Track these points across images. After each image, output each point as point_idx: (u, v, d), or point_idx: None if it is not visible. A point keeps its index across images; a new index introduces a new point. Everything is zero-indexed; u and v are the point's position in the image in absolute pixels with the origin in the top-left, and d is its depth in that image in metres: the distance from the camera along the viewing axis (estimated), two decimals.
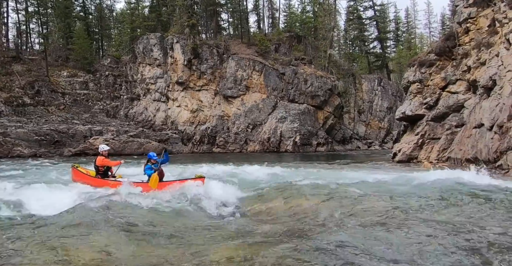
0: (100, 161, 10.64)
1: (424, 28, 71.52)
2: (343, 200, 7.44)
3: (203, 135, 39.23)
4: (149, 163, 9.69)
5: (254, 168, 15.21)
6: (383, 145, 45.26)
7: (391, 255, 4.13)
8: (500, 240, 4.64)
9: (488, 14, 16.98)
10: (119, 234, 5.34)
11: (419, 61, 20.90)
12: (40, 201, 7.58)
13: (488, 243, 4.52)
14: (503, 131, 13.45)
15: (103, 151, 10.82)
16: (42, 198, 7.81)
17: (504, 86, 14.35)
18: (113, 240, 5.08)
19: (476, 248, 4.38)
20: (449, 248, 4.41)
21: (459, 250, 4.34)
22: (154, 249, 4.80)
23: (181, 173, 13.96)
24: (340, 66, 48.37)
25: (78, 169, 11.38)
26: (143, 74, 44.17)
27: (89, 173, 11.09)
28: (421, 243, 4.53)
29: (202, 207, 7.50)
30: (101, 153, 10.80)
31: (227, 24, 54.32)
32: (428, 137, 19.30)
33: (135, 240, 5.15)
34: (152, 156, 9.80)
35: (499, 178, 10.96)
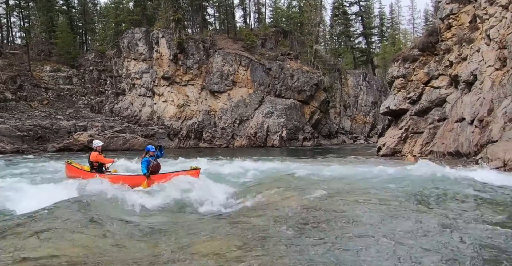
0: (94, 156, 10.66)
1: (408, 24, 72.32)
2: (329, 193, 7.55)
3: (189, 130, 39.12)
4: (147, 155, 9.81)
5: (242, 163, 15.32)
6: (368, 139, 45.88)
7: (377, 248, 4.23)
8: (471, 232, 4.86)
9: (469, 11, 17.34)
10: (103, 229, 5.33)
11: (403, 57, 21.22)
12: (27, 197, 7.53)
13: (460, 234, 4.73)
14: (483, 125, 13.81)
15: (97, 147, 10.86)
16: (30, 194, 7.75)
17: (485, 81, 14.72)
18: (98, 235, 5.06)
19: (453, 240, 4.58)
20: (432, 240, 4.61)
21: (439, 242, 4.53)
22: (140, 244, 4.78)
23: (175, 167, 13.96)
24: (326, 61, 48.69)
25: (72, 164, 11.37)
26: (128, 69, 43.70)
27: (84, 168, 11.10)
28: (405, 235, 4.67)
29: (191, 201, 7.54)
30: (95, 149, 10.84)
31: (213, 19, 54.11)
32: (411, 131, 19.66)
33: (121, 235, 5.14)
34: (151, 148, 9.93)
35: (479, 171, 11.22)
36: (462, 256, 3.91)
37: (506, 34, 13.37)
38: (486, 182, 8.36)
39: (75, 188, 8.60)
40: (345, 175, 10.59)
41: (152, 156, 9.77)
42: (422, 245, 4.29)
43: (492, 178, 8.87)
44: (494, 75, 14.15)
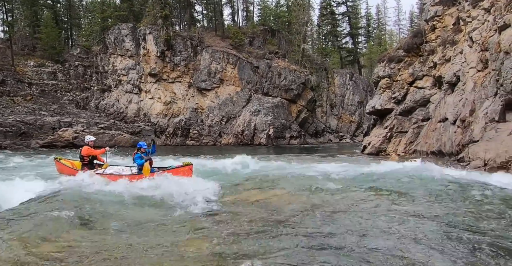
0: (85, 150, 10.81)
1: (394, 25, 73.39)
2: (315, 191, 7.67)
3: (176, 127, 38.97)
4: (139, 152, 9.86)
5: (229, 160, 15.35)
6: (354, 138, 46.41)
7: (359, 243, 4.33)
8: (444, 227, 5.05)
9: (453, 13, 17.70)
10: (85, 227, 5.30)
11: (389, 57, 21.54)
12: (12, 193, 7.47)
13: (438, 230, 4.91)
14: (465, 126, 14.15)
15: (89, 141, 11.09)
16: (16, 191, 7.69)
17: (467, 82, 15.08)
18: (79, 233, 5.02)
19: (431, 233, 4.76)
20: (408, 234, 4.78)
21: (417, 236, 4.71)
22: (123, 241, 4.75)
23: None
24: (313, 60, 49.01)
25: (61, 161, 11.45)
26: (115, 65, 43.25)
27: (74, 164, 11.18)
28: (385, 231, 4.81)
29: (176, 198, 7.49)
30: (87, 143, 11.04)
31: (201, 16, 53.85)
32: (396, 130, 20.00)
33: (104, 232, 5.11)
34: (143, 145, 10.00)
35: (460, 170, 11.50)
36: (447, 249, 4.06)
37: (488, 37, 13.72)
38: (466, 180, 8.59)
39: (59, 185, 8.57)
40: (331, 173, 10.72)
41: (144, 152, 9.82)
42: (405, 240, 4.45)
43: (470, 177, 9.10)
44: (476, 76, 14.50)
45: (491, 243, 4.10)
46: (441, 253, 3.86)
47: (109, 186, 8.46)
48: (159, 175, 9.13)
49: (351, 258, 3.72)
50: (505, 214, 5.36)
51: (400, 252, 3.83)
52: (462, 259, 3.73)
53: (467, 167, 12.43)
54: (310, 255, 3.88)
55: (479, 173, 10.58)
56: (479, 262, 3.65)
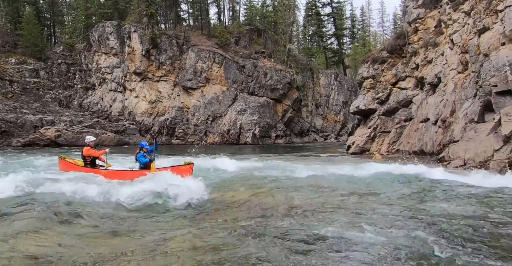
0: (86, 151, 10.88)
1: (378, 27, 74.54)
2: (299, 189, 7.77)
3: (161, 126, 38.75)
4: (141, 151, 10.00)
5: (214, 159, 15.36)
6: (339, 138, 46.89)
7: (341, 241, 4.42)
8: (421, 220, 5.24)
9: (435, 16, 18.12)
10: (72, 225, 5.28)
11: (372, 58, 21.90)
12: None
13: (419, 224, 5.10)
14: (446, 126, 14.52)
15: (89, 142, 11.13)
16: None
17: (448, 84, 15.48)
18: (65, 232, 4.99)
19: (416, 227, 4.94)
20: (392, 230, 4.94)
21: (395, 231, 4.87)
22: (108, 240, 4.73)
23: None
24: (299, 60, 49.31)
25: (66, 159, 11.53)
26: (99, 63, 42.72)
27: (77, 163, 11.25)
28: (364, 229, 4.89)
29: (165, 197, 7.49)
30: (88, 144, 11.08)
31: (187, 15, 53.60)
32: (379, 130, 20.35)
33: (90, 231, 5.10)
34: (145, 145, 10.16)
35: (440, 169, 11.76)
36: (426, 245, 4.21)
37: (468, 39, 14.12)
38: (445, 179, 8.80)
39: (48, 183, 8.48)
40: (316, 172, 10.87)
41: (146, 152, 9.98)
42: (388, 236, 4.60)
43: (450, 176, 9.33)
44: (456, 78, 14.91)
45: (468, 240, 4.26)
46: (423, 252, 3.98)
47: (97, 184, 8.43)
48: (161, 171, 9.23)
49: (333, 259, 3.77)
50: (480, 212, 5.56)
51: (377, 254, 3.92)
52: (440, 257, 3.86)
53: (448, 166, 12.75)
54: (292, 254, 3.90)
55: (459, 172, 10.84)
56: (458, 260, 3.75)
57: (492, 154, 10.97)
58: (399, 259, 3.74)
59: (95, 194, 7.23)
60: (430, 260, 3.74)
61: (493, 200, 6.35)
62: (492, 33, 12.47)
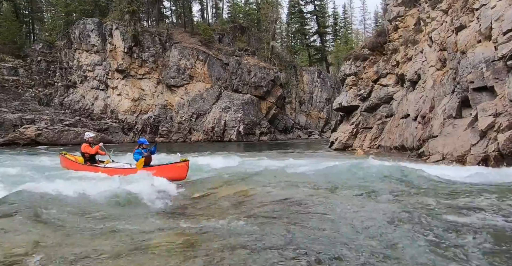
0: (83, 148, 11.10)
1: (360, 24, 75.32)
2: (282, 186, 7.79)
3: (145, 124, 38.47)
4: (139, 148, 10.05)
5: (198, 157, 15.42)
6: (322, 134, 47.41)
7: (325, 240, 4.40)
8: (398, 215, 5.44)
9: (414, 14, 18.50)
10: (48, 224, 5.22)
11: (354, 56, 22.21)
12: None
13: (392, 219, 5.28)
14: (426, 122, 14.87)
15: (88, 138, 11.33)
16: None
17: (427, 80, 15.85)
18: (41, 232, 4.91)
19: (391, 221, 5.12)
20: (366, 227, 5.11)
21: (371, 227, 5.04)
22: (87, 239, 4.66)
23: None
24: (283, 58, 49.59)
25: (66, 156, 11.75)
26: (80, 61, 42.04)
27: (77, 159, 11.45)
28: (348, 225, 5.01)
29: (145, 196, 7.46)
30: (87, 140, 11.27)
31: (169, 12, 53.15)
32: (361, 127, 20.70)
33: (68, 230, 5.02)
34: (144, 141, 10.25)
35: (420, 163, 12.06)
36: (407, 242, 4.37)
37: (446, 37, 14.50)
38: (424, 174, 8.98)
39: (29, 182, 8.40)
40: (300, 168, 10.98)
41: (145, 148, 10.02)
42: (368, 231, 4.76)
43: (429, 170, 9.54)
44: (435, 75, 15.28)
45: (444, 233, 4.43)
46: (397, 247, 4.05)
47: (86, 181, 8.42)
48: (149, 170, 9.30)
49: (317, 256, 3.78)
50: (456, 205, 5.77)
51: (357, 250, 3.99)
52: (418, 251, 3.97)
53: (427, 161, 13.09)
54: (274, 251, 3.93)
55: (438, 166, 11.10)
56: (435, 253, 3.84)
57: (469, 148, 11.31)
58: (375, 253, 3.86)
59: (73, 192, 7.14)
60: (404, 254, 3.85)
61: (464, 192, 6.57)
62: (469, 31, 12.85)
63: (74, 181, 8.65)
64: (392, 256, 3.73)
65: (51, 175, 10.09)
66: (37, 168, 12.40)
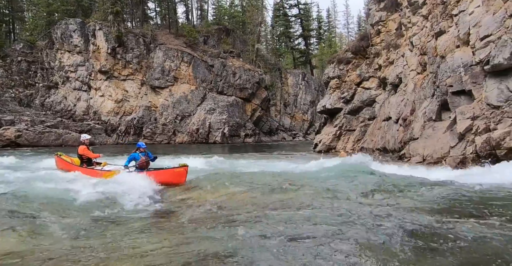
0: (81, 150, 10.95)
1: (343, 28, 76.51)
2: (266, 188, 7.81)
3: (128, 126, 38.09)
4: (137, 151, 10.00)
5: (182, 159, 15.34)
6: (307, 136, 47.75)
7: (301, 239, 4.44)
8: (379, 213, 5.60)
9: (396, 18, 18.88)
10: (28, 227, 5.18)
11: (338, 59, 22.51)
12: None
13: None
14: (407, 124, 15.16)
15: (84, 140, 11.21)
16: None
17: (408, 84, 16.18)
18: (19, 235, 4.88)
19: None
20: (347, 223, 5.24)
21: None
22: (66, 243, 4.64)
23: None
24: (267, 60, 49.83)
25: (62, 157, 11.64)
26: (62, 62, 41.38)
27: (73, 161, 11.34)
28: (326, 228, 5.04)
29: (129, 197, 7.41)
30: (83, 142, 11.13)
31: (154, 13, 52.82)
32: (345, 129, 20.98)
33: (47, 234, 5.00)
34: (142, 145, 10.18)
35: (401, 165, 12.27)
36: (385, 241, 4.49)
37: (426, 42, 14.84)
38: (405, 175, 9.15)
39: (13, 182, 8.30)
40: (284, 170, 11.03)
41: (142, 152, 9.97)
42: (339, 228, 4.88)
43: (409, 172, 9.72)
44: (416, 78, 15.61)
45: (423, 234, 4.56)
46: (376, 248, 4.10)
47: (64, 184, 8.33)
48: (149, 174, 9.28)
49: (295, 257, 3.81)
50: (435, 206, 5.93)
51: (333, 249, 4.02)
52: (396, 252, 4.00)
53: (408, 163, 13.33)
54: (254, 254, 3.96)
55: (418, 168, 11.33)
56: (409, 253, 3.92)
57: (449, 150, 11.57)
58: (354, 253, 3.93)
59: (59, 194, 7.11)
60: (384, 252, 3.91)
61: (441, 193, 6.72)
62: (448, 36, 13.19)
63: (62, 183, 8.57)
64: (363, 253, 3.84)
65: (42, 177, 9.95)
66: (29, 169, 12.31)
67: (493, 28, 10.94)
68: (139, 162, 9.82)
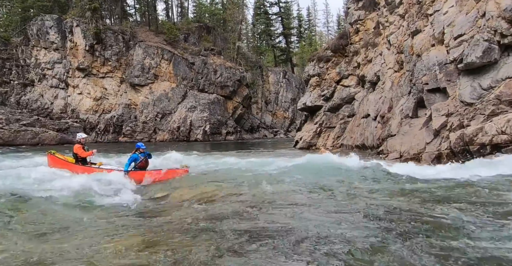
0: (76, 149, 10.88)
1: (323, 27, 77.06)
2: (246, 185, 7.85)
3: (108, 124, 37.55)
4: (137, 152, 10.00)
5: (160, 157, 15.20)
6: (288, 133, 48.07)
7: (288, 236, 4.42)
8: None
9: (373, 18, 19.20)
10: (6, 226, 5.13)
11: (318, 57, 22.73)
12: None
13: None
14: (385, 121, 15.46)
15: (80, 139, 11.10)
16: None
17: (386, 82, 16.51)
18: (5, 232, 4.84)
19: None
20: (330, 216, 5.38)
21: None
22: (46, 244, 4.55)
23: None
24: (248, 58, 49.86)
25: (56, 155, 11.43)
26: (38, 59, 40.42)
27: (67, 159, 11.21)
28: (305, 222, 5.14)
29: (107, 196, 7.43)
30: (79, 141, 11.04)
31: (133, 10, 52.04)
32: (325, 126, 21.22)
33: (27, 232, 4.94)
34: (141, 146, 10.17)
35: (379, 161, 12.50)
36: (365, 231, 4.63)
37: (403, 41, 15.18)
38: (382, 171, 9.34)
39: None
40: (264, 167, 11.01)
41: (142, 152, 9.97)
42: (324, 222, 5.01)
43: (386, 168, 9.93)
44: (393, 76, 15.95)
45: (398, 227, 4.68)
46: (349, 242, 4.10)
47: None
48: (152, 178, 9.37)
49: (281, 254, 3.81)
50: (410, 200, 6.11)
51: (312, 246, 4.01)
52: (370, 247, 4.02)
53: (386, 159, 13.61)
54: (237, 251, 3.95)
55: (395, 163, 11.54)
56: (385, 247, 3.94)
57: (424, 146, 11.86)
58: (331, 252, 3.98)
59: (40, 190, 7.04)
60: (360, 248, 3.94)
61: (414, 188, 6.92)
62: (424, 35, 13.53)
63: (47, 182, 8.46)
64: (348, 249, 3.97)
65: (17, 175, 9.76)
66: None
67: (466, 27, 11.29)
68: (138, 163, 9.87)
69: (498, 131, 9.13)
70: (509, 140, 9.01)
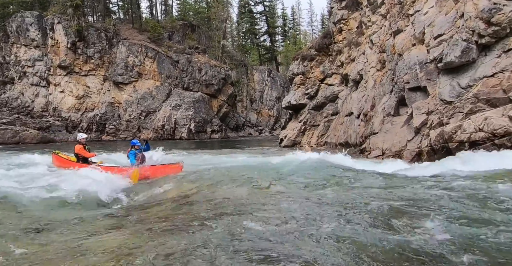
0: (77, 149, 10.99)
1: (307, 26, 77.57)
2: (230, 183, 7.79)
3: (91, 122, 37.08)
4: (133, 149, 10.12)
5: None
6: (273, 132, 48.30)
7: (272, 235, 4.35)
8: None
9: (356, 17, 19.46)
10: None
11: (302, 56, 22.91)
12: None
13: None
14: (367, 119, 15.73)
15: (81, 139, 11.19)
16: None
17: (369, 80, 16.78)
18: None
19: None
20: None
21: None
22: (28, 242, 4.51)
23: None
24: (233, 56, 49.80)
25: (60, 155, 11.70)
26: (18, 56, 39.57)
27: (70, 159, 11.41)
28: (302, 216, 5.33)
29: (91, 195, 7.32)
30: (80, 141, 11.13)
31: (116, 7, 51.38)
32: (309, 124, 21.43)
33: (10, 232, 4.89)
34: (136, 142, 10.33)
35: (361, 159, 12.68)
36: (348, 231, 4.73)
37: (385, 40, 15.45)
38: (364, 168, 9.46)
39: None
40: (248, 165, 11.04)
41: (137, 149, 10.09)
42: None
43: (368, 165, 10.08)
44: (376, 75, 16.22)
45: (378, 224, 4.82)
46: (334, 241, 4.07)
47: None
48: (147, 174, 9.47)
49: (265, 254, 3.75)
50: (391, 197, 6.25)
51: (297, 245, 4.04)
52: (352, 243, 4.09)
53: (368, 156, 13.85)
54: (222, 253, 3.98)
55: (377, 161, 11.80)
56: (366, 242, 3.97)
57: (406, 144, 12.12)
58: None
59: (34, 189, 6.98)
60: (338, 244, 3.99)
61: (395, 185, 7.06)
62: (405, 35, 13.80)
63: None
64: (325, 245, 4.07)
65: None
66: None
67: (445, 28, 11.57)
68: (137, 158, 10.06)
69: (476, 129, 9.39)
70: (486, 137, 9.29)
